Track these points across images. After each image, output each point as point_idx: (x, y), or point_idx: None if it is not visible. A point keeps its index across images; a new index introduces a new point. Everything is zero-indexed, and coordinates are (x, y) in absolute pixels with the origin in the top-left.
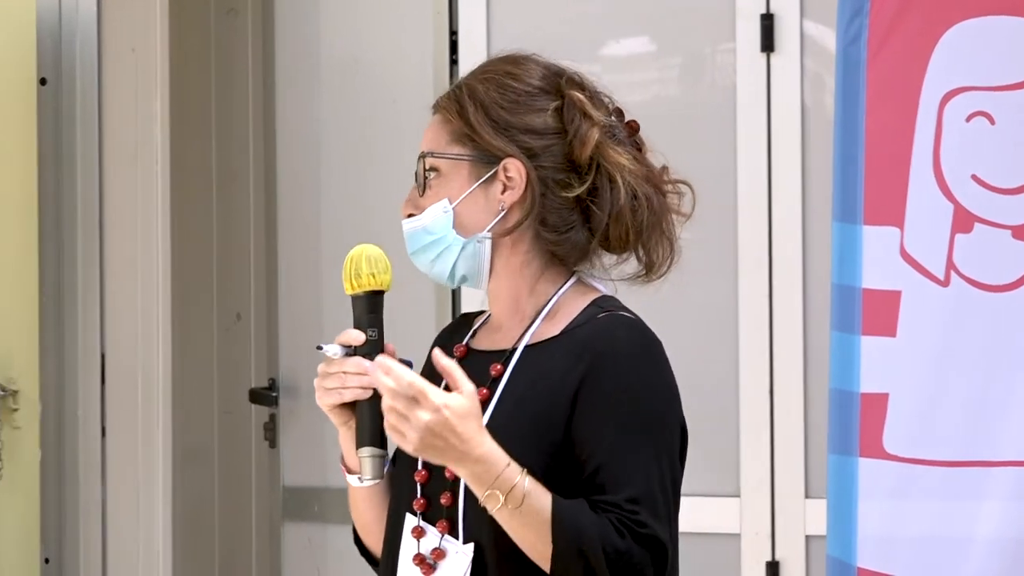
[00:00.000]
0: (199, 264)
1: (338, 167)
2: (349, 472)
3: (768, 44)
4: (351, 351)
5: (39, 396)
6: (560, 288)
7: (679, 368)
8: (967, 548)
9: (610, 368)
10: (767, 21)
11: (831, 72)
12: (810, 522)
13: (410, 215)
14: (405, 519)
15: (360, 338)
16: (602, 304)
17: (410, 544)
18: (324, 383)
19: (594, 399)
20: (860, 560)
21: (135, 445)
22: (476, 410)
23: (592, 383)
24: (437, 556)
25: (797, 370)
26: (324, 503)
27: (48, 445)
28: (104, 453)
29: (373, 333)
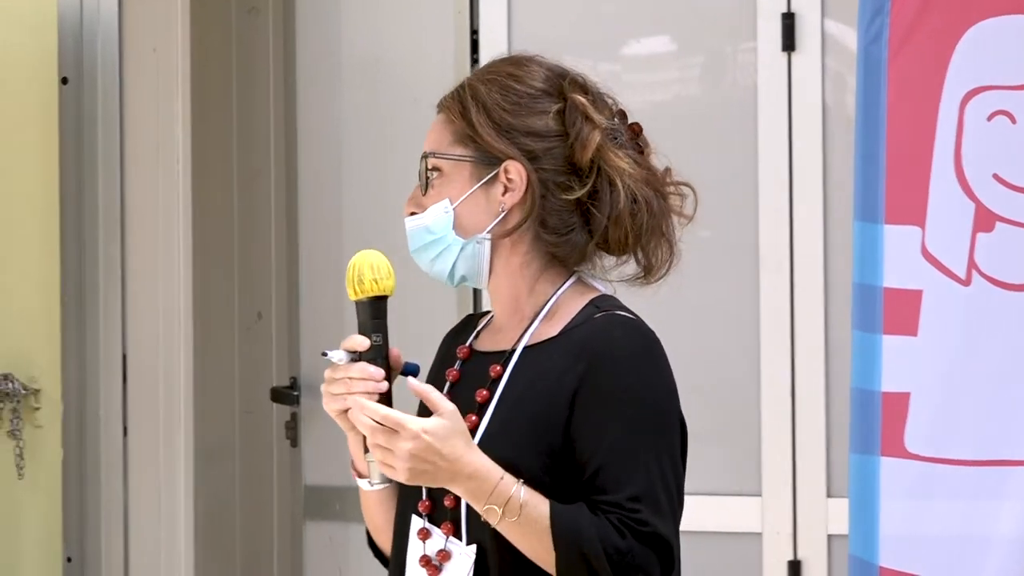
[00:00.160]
0: (220, 264)
1: (359, 166)
2: (359, 476)
3: (789, 43)
4: (356, 356)
5: (61, 396)
6: (559, 288)
7: (701, 368)
8: (989, 547)
9: (608, 368)
10: (788, 20)
11: (852, 71)
12: (832, 521)
13: (412, 213)
14: (412, 521)
15: (365, 343)
16: (600, 304)
17: (416, 546)
18: (330, 389)
19: (593, 400)
20: (882, 559)
21: (157, 444)
22: (459, 428)
23: (590, 384)
24: (442, 558)
25: (819, 369)
26: (345, 502)
27: (70, 445)
28: (126, 452)
29: (377, 338)
